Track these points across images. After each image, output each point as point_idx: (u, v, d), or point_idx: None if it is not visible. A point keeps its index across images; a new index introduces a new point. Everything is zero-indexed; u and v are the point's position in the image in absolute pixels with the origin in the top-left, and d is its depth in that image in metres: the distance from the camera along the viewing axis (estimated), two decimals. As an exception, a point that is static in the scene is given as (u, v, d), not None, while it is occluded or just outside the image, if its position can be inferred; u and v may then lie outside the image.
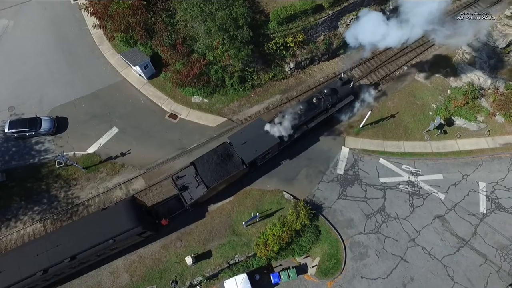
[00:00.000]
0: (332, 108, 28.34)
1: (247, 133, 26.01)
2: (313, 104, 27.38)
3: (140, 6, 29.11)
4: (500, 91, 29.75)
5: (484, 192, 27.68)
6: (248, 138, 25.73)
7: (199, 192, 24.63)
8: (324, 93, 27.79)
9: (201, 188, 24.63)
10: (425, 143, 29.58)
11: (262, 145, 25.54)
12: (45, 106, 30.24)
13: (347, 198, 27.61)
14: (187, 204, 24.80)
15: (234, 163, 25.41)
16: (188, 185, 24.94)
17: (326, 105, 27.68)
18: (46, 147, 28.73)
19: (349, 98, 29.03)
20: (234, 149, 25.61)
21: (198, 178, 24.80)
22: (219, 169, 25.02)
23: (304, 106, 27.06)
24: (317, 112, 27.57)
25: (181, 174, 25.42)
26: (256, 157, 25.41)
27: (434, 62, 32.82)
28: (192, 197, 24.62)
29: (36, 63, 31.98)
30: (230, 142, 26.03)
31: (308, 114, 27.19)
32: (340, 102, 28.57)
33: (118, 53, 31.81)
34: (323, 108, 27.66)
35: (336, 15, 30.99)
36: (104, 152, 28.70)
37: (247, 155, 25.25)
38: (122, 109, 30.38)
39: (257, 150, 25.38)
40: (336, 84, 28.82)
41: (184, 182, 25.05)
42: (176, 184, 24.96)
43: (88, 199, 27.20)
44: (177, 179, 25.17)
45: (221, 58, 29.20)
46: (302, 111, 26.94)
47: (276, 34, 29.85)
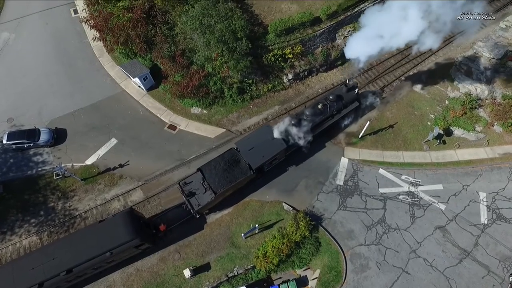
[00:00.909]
0: (337, 114, 28.50)
1: (254, 139, 26.12)
2: (319, 110, 27.59)
3: (140, 19, 29.49)
4: (497, 102, 29.94)
5: (484, 203, 27.52)
6: (255, 143, 25.81)
7: (206, 198, 24.57)
8: (329, 99, 28.01)
9: (209, 194, 24.58)
10: (424, 153, 29.57)
11: (269, 151, 25.66)
12: (44, 118, 30.27)
13: (347, 209, 27.40)
14: (195, 210, 24.68)
15: (241, 169, 25.43)
16: (195, 191, 24.87)
17: (332, 111, 27.88)
18: (44, 159, 28.61)
19: (354, 104, 29.22)
20: (241, 155, 25.65)
21: (206, 184, 24.74)
22: (227, 175, 25.00)
23: (310, 112, 27.26)
24: (323, 118, 27.76)
25: (188, 180, 25.38)
26: (263, 162, 25.48)
27: (431, 72, 33.12)
28: (200, 203, 24.54)
29: (36, 75, 32.18)
30: (237, 148, 26.06)
31: (314, 120, 27.38)
32: (345, 108, 28.78)
33: (118, 65, 32.06)
34: (328, 114, 27.86)
35: (333, 27, 31.42)
36: (103, 164, 28.58)
37: (254, 160, 25.35)
38: (121, 121, 30.41)
39: (264, 155, 25.50)
40: (341, 91, 29.04)
41: (191, 188, 25.00)
42: (183, 190, 24.87)
43: (86, 211, 26.94)
44: (184, 185, 25.11)
45: (220, 69, 29.43)
46: (308, 117, 27.12)
47: (274, 46, 30.19)
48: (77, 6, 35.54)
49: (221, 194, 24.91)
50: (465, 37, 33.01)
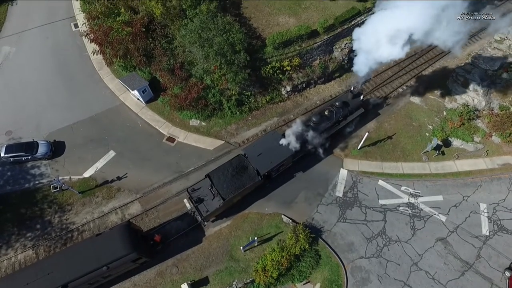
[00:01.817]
0: (343, 120, 28.84)
1: (261, 145, 26.37)
2: (325, 116, 27.92)
3: (139, 33, 29.86)
4: (494, 112, 30.08)
5: (485, 214, 27.30)
6: (263, 150, 26.05)
7: (214, 205, 24.56)
8: (335, 106, 28.46)
9: (217, 200, 24.58)
10: (423, 164, 29.50)
11: (277, 157, 25.87)
12: (43, 130, 30.25)
13: (347, 221, 27.13)
14: (203, 217, 24.62)
15: (249, 175, 25.50)
16: (203, 197, 24.85)
17: (338, 117, 28.23)
18: (41, 172, 28.45)
19: (359, 111, 29.61)
20: (249, 161, 25.75)
21: (214, 190, 24.75)
22: (235, 181, 25.08)
23: (317, 118, 27.54)
24: (329, 124, 28.04)
25: (196, 186, 25.36)
26: (271, 168, 25.64)
27: (429, 84, 33.38)
28: (208, 210, 24.50)
29: (35, 88, 32.33)
30: (245, 154, 26.17)
31: (321, 126, 27.61)
32: (351, 114, 29.11)
33: (117, 77, 32.28)
34: (335, 120, 28.16)
35: (330, 40, 31.81)
36: (101, 176, 28.41)
37: (262, 166, 25.54)
38: (120, 133, 30.39)
39: (272, 161, 25.71)
40: (347, 97, 29.43)
41: (199, 194, 24.97)
42: (192, 197, 24.83)
43: (83, 224, 26.62)
44: (192, 191, 25.07)
45: (219, 82, 29.62)
46: (315, 123, 27.37)
47: (272, 58, 30.49)
48: (78, 21, 36.04)
49: (229, 200, 24.93)
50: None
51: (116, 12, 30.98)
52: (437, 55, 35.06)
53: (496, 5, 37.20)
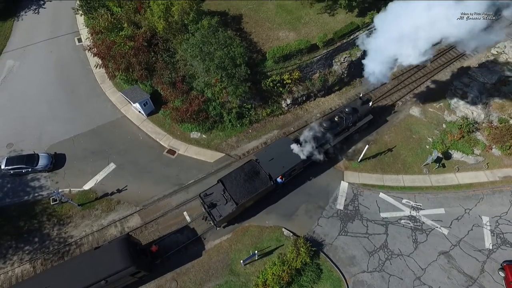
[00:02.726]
0: (352, 126, 29.19)
1: (273, 150, 26.72)
2: (335, 122, 28.31)
3: (142, 47, 30.37)
4: (494, 125, 30.21)
5: (488, 227, 27.03)
6: (274, 155, 26.36)
7: (227, 209, 24.58)
8: (345, 112, 28.82)
9: (230, 205, 24.62)
10: (424, 176, 29.42)
11: (289, 161, 26.19)
12: (44, 143, 30.36)
13: (348, 234, 26.85)
14: (216, 222, 24.58)
15: (262, 179, 25.68)
16: (216, 202, 24.92)
17: (347, 123, 28.57)
18: (41, 184, 28.38)
19: (368, 117, 30.00)
20: (261, 166, 25.99)
21: (227, 195, 24.80)
22: (247, 185, 25.22)
23: (327, 124, 27.87)
24: (339, 130, 28.38)
25: (209, 192, 25.45)
26: (283, 173, 25.88)
27: (428, 97, 33.66)
28: (221, 214, 24.49)
29: (38, 101, 32.65)
30: (257, 159, 26.43)
31: (331, 131, 28.04)
32: (360, 120, 29.50)
33: (119, 91, 32.63)
34: (344, 126, 28.51)
35: (330, 54, 32.27)
36: (101, 189, 28.33)
37: (275, 171, 25.79)
38: (121, 145, 30.48)
39: (284, 166, 26.01)
40: (356, 104, 29.81)
41: (212, 199, 25.04)
42: (204, 202, 24.85)
43: (82, 237, 26.36)
44: (205, 196, 25.15)
45: (220, 95, 29.90)
46: (325, 129, 27.75)
47: (272, 72, 30.87)
48: (81, 35, 36.73)
49: (242, 205, 25.03)
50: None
51: (119, 27, 31.61)
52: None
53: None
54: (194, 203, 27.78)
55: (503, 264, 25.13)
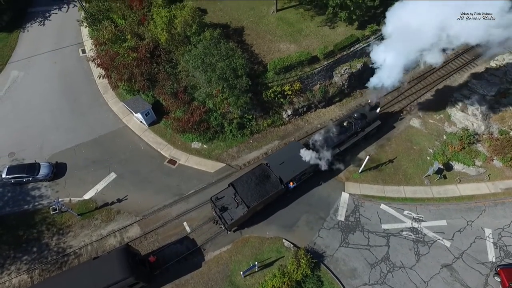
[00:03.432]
0: (361, 131, 29.52)
1: (284, 155, 27.08)
2: (344, 128, 28.65)
3: (144, 58, 30.80)
4: (494, 136, 30.23)
5: (491, 239, 26.73)
6: (285, 159, 26.68)
7: (239, 213, 24.78)
8: (354, 117, 29.26)
9: (241, 208, 24.83)
10: (425, 188, 29.29)
11: (299, 165, 26.52)
12: (46, 152, 30.47)
13: (349, 246, 26.57)
14: (227, 225, 24.64)
15: (272, 183, 25.96)
16: (227, 206, 25.10)
17: (356, 128, 28.94)
18: (42, 193, 28.37)
19: (376, 123, 30.38)
20: (272, 170, 26.28)
21: (238, 199, 24.95)
22: (258, 189, 25.52)
23: (337, 129, 28.29)
24: (348, 135, 28.78)
25: (220, 195, 25.58)
26: (293, 176, 26.18)
27: (428, 108, 33.81)
28: (232, 218, 24.67)
29: (40, 111, 32.94)
30: (267, 164, 26.77)
31: (340, 136, 28.38)
32: (368, 126, 29.84)
33: (121, 101, 32.92)
34: (353, 131, 28.85)
35: (330, 66, 32.62)
36: (101, 198, 28.27)
37: (285, 175, 26.09)
38: (122, 155, 30.56)
39: (294, 170, 26.34)
40: (364, 109, 30.18)
41: (223, 203, 25.22)
42: (216, 205, 24.93)
43: (80, 247, 26.16)
44: (216, 200, 25.25)
45: (221, 105, 30.12)
46: (334, 134, 28.09)
47: (273, 83, 31.16)
48: (85, 46, 37.31)
49: (253, 208, 25.18)
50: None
51: (123, 39, 32.15)
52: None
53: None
54: (194, 213, 27.67)
55: (497, 269, 24.99)
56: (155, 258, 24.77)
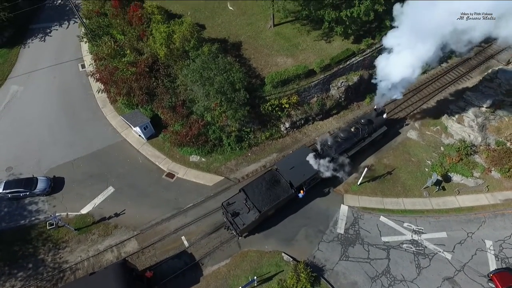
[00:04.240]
0: (368, 137, 29.90)
1: (293, 159, 27.49)
2: (352, 133, 29.13)
3: (143, 72, 31.14)
4: (491, 148, 30.37)
5: (492, 251, 26.50)
6: (295, 163, 27.08)
7: (250, 217, 24.89)
8: (361, 123, 29.76)
9: (253, 213, 24.94)
10: (424, 199, 29.21)
11: (309, 170, 26.88)
12: (43, 166, 30.40)
13: (349, 259, 26.27)
14: (239, 230, 24.59)
15: (283, 188, 26.28)
16: (239, 211, 25.21)
17: (363, 134, 29.32)
18: (38, 208, 28.15)
19: (382, 128, 30.79)
20: (282, 174, 26.62)
21: (249, 204, 25.02)
22: (269, 193, 25.79)
23: (345, 135, 28.81)
24: (355, 140, 29.15)
25: (231, 201, 25.68)
26: (304, 181, 26.51)
27: (424, 120, 34.07)
28: (244, 223, 24.75)
29: (39, 125, 33.03)
30: (277, 169, 27.15)
31: (348, 142, 28.77)
32: (375, 131, 30.23)
33: (120, 115, 33.07)
34: (360, 136, 29.21)
35: (327, 79, 33.01)
36: (98, 213, 28.05)
37: (296, 179, 26.37)
38: (120, 169, 30.49)
39: (304, 174, 26.67)
40: (371, 115, 30.62)
41: (234, 208, 25.35)
42: (227, 211, 24.93)
43: (77, 263, 25.78)
44: (228, 205, 25.31)
45: (219, 118, 30.30)
46: (342, 139, 28.55)
47: (271, 96, 31.44)
48: (85, 61, 37.76)
49: (265, 213, 25.34)
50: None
51: (122, 54, 32.57)
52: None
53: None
54: (193, 227, 27.44)
55: (490, 275, 24.88)
56: (152, 273, 24.39)
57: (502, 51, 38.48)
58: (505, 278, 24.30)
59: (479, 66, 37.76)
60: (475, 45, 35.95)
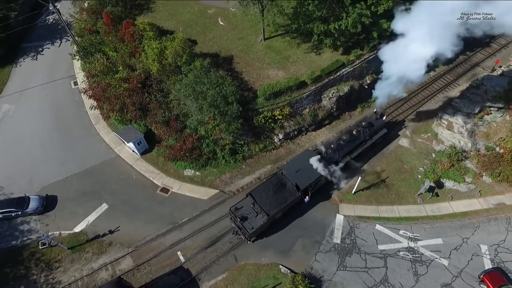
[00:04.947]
0: (369, 139, 30.66)
1: (298, 163, 28.08)
2: (354, 136, 30.07)
3: (136, 88, 31.32)
4: (482, 153, 30.90)
5: (487, 256, 26.65)
6: (300, 166, 27.68)
7: (259, 221, 25.16)
8: (362, 126, 30.68)
9: (261, 217, 25.25)
10: (419, 206, 29.42)
11: (314, 172, 27.50)
12: (36, 185, 30.05)
13: (347, 269, 26.17)
14: (249, 234, 24.99)
15: (289, 191, 26.74)
16: (247, 215, 25.49)
17: (365, 136, 30.32)
18: (30, 227, 27.69)
19: (383, 131, 31.61)
20: (288, 178, 27.13)
21: (257, 207, 25.44)
22: (277, 197, 26.22)
23: (347, 137, 29.76)
24: (357, 142, 30.05)
25: (239, 205, 25.83)
26: (310, 183, 27.01)
27: (415, 127, 34.62)
28: (253, 227, 24.97)
29: (31, 143, 32.78)
30: (282, 172, 27.74)
31: (351, 144, 29.70)
32: (376, 134, 31.16)
33: (113, 131, 33.02)
34: (362, 139, 30.18)
35: (318, 90, 33.54)
36: (92, 230, 27.67)
37: (302, 181, 26.91)
38: (114, 185, 30.26)
39: (310, 177, 27.26)
40: (371, 118, 31.55)
41: (242, 213, 25.61)
42: (236, 216, 25.11)
43: (71, 283, 25.28)
44: (235, 210, 25.50)
45: (213, 132, 30.45)
46: (345, 142, 29.59)
47: (264, 108, 31.78)
48: (77, 79, 37.83)
49: (273, 216, 25.60)
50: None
51: (115, 70, 32.80)
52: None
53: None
54: (189, 242, 27.19)
55: (480, 276, 25.14)
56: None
57: (486, 58, 39.60)
58: (495, 277, 24.66)
59: (466, 74, 38.74)
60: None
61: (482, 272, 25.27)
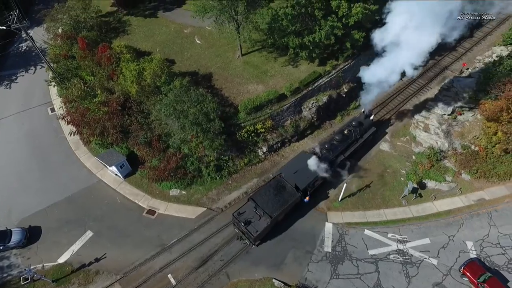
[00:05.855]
0: (360, 138, 31.85)
1: (295, 165, 28.90)
2: (346, 135, 31.05)
3: (116, 111, 31.01)
4: (458, 152, 32.06)
5: (474, 252, 27.33)
6: (298, 168, 28.45)
7: (262, 224, 25.65)
8: (352, 125, 31.79)
9: (264, 220, 25.78)
10: (404, 208, 30.04)
11: (312, 172, 28.30)
12: (14, 217, 28.89)
13: (340, 277, 26.20)
14: (254, 237, 25.34)
15: (289, 192, 27.46)
16: (250, 219, 25.82)
17: (356, 135, 31.37)
18: (10, 262, 26.42)
19: (372, 129, 32.89)
20: (287, 180, 27.90)
21: (259, 211, 25.98)
22: (278, 199, 26.90)
23: (340, 137, 30.88)
24: (349, 141, 31.09)
25: (241, 210, 26.39)
26: (308, 183, 27.77)
27: (394, 131, 35.65)
28: (257, 230, 25.37)
29: (7, 173, 31.65)
30: (281, 175, 28.42)
31: (343, 144, 30.82)
32: (365, 132, 32.28)
33: (94, 155, 32.35)
34: (354, 137, 31.25)
35: (298, 101, 34.19)
36: (77, 260, 26.69)
37: (300, 182, 27.66)
38: (98, 211, 29.47)
39: (308, 177, 28.07)
40: (360, 118, 32.93)
41: (245, 217, 25.93)
42: (239, 220, 25.10)
43: (56, 318, 24.12)
44: (238, 215, 25.49)
45: (196, 149, 30.36)
46: (338, 141, 30.67)
47: (246, 123, 32.05)
48: (54, 105, 37.06)
49: (275, 218, 26.12)
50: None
51: (93, 94, 32.44)
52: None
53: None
54: (179, 264, 26.61)
55: (461, 269, 25.83)
56: None
57: (454, 62, 41.54)
58: (474, 267, 25.49)
59: (436, 77, 40.44)
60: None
61: (461, 265, 25.99)
